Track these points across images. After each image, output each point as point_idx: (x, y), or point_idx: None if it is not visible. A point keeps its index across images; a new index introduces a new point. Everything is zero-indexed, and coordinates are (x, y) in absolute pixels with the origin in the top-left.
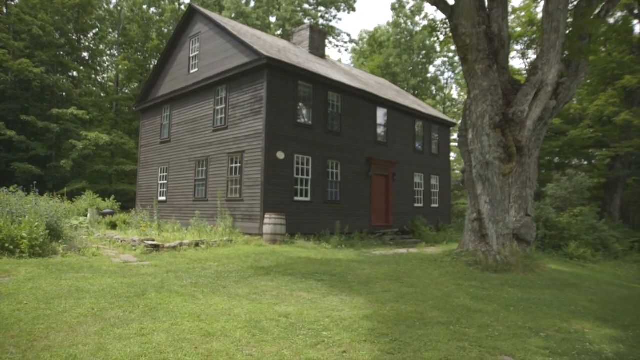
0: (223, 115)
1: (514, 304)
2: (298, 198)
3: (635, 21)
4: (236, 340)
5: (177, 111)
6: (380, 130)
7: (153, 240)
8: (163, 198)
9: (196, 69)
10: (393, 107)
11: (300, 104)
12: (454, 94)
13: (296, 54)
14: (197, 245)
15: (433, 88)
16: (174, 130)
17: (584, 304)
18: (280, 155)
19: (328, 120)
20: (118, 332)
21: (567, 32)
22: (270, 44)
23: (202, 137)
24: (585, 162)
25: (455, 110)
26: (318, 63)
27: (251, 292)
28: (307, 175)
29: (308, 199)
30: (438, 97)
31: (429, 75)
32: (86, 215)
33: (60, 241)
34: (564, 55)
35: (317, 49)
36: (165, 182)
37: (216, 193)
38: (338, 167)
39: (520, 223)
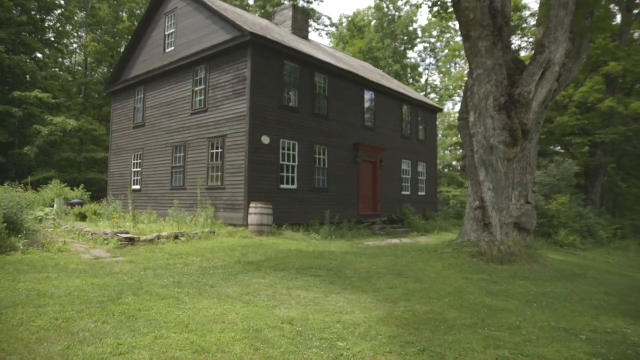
0: (202, 97)
1: (534, 300)
2: (284, 186)
3: (617, 8)
4: (236, 356)
5: (152, 93)
6: (367, 115)
7: (128, 232)
8: (137, 187)
9: (172, 48)
10: (380, 91)
11: (286, 86)
12: (437, 80)
13: (280, 33)
14: (176, 237)
15: (411, 74)
16: (148, 113)
17: (601, 297)
18: (266, 139)
19: (315, 103)
20: (89, 352)
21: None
22: (253, 22)
23: (180, 120)
24: (562, 151)
25: (436, 97)
26: (302, 44)
27: (243, 292)
28: (294, 161)
29: (295, 186)
30: (417, 84)
31: (407, 61)
32: (53, 206)
33: (20, 236)
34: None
35: (301, 30)
36: (139, 169)
37: (196, 181)
38: (325, 153)
39: (520, 211)
